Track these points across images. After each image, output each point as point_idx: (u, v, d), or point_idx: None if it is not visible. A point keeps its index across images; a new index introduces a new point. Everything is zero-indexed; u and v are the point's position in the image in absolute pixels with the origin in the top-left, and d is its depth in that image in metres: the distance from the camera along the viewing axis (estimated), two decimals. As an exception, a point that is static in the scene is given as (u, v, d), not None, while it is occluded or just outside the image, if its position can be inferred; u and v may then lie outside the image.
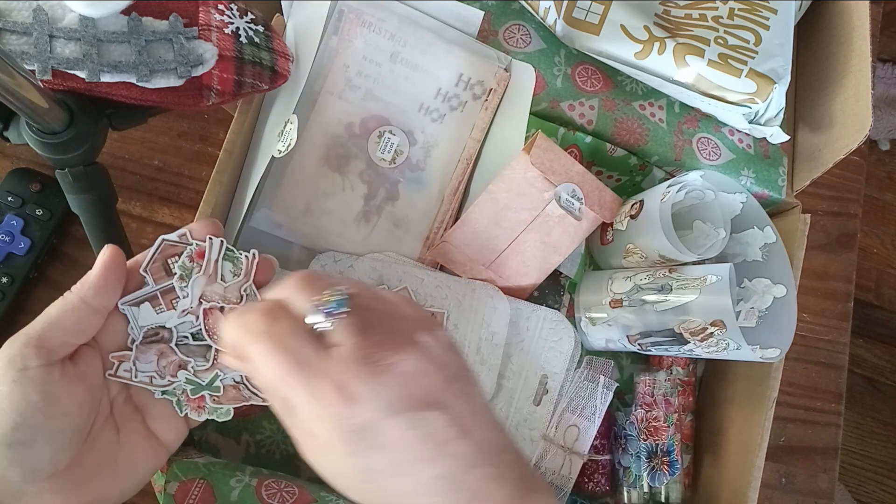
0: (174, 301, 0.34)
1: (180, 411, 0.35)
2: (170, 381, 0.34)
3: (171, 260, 0.34)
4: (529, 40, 0.56)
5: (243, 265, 0.35)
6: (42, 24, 0.41)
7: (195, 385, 0.34)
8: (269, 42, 0.48)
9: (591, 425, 0.55)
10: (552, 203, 0.53)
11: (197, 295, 0.34)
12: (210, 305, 0.34)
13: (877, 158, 1.58)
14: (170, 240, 0.34)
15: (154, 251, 0.34)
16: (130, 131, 0.59)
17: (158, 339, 0.34)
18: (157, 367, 0.34)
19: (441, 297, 0.54)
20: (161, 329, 0.34)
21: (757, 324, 0.54)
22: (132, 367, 0.33)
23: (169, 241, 0.34)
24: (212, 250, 0.34)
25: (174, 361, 0.34)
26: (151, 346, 0.34)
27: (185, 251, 0.34)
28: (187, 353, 0.34)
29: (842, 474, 0.72)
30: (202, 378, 0.34)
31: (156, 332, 0.34)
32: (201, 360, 0.35)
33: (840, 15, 0.59)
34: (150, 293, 0.34)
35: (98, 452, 0.32)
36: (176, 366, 0.34)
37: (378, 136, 0.55)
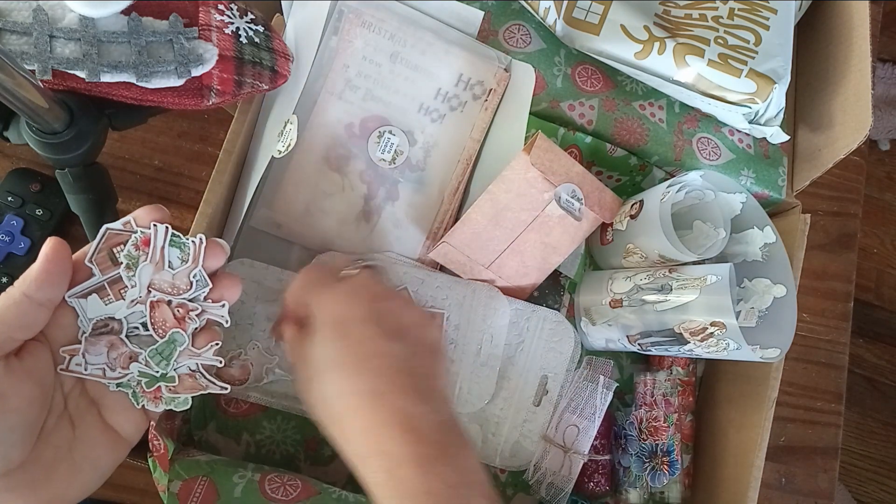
0: (122, 291, 0.33)
1: (136, 403, 0.34)
2: (122, 373, 0.33)
3: (116, 249, 0.33)
4: (529, 40, 0.56)
5: (191, 251, 0.34)
6: (42, 24, 0.41)
7: (149, 377, 0.34)
8: (269, 42, 0.48)
9: (591, 425, 0.55)
10: (552, 203, 0.53)
11: (145, 284, 0.34)
12: (159, 297, 0.34)
13: (877, 158, 1.58)
14: (114, 228, 0.33)
15: (98, 241, 0.33)
16: (130, 131, 0.59)
17: (108, 331, 0.33)
18: (108, 360, 0.33)
19: (441, 297, 0.54)
20: (111, 320, 0.33)
21: (757, 324, 0.54)
22: (82, 360, 0.33)
23: (113, 230, 0.33)
24: (157, 237, 0.34)
25: (125, 353, 0.33)
26: (101, 338, 0.33)
27: (131, 239, 0.33)
28: (139, 344, 0.34)
29: (842, 474, 0.72)
30: (155, 369, 0.34)
31: (105, 324, 0.33)
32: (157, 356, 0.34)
33: (840, 15, 0.59)
34: (97, 284, 0.33)
35: (54, 448, 0.31)
36: (127, 357, 0.33)
37: (378, 136, 0.54)
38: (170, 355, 0.34)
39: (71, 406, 0.33)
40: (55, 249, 0.31)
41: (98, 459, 0.33)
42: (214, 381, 0.35)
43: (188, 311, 0.35)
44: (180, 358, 0.34)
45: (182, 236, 0.34)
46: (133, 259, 0.33)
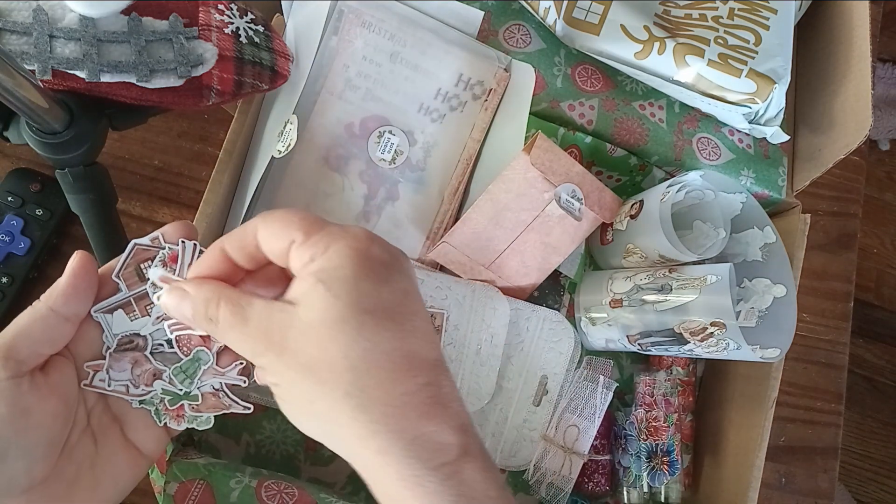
0: (148, 307, 0.33)
1: (159, 421, 0.34)
2: (145, 390, 0.33)
3: (143, 265, 0.33)
4: (529, 40, 0.56)
5: None
6: (42, 24, 0.41)
7: (172, 395, 0.33)
8: (269, 42, 0.48)
9: (591, 425, 0.55)
10: (552, 203, 0.53)
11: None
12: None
13: (877, 158, 1.58)
14: (142, 244, 0.33)
15: (126, 256, 0.32)
16: (130, 131, 0.59)
17: (133, 347, 0.33)
18: (132, 376, 0.32)
19: (441, 297, 0.54)
20: (136, 336, 0.33)
21: (757, 324, 0.54)
22: (106, 377, 0.32)
23: (141, 246, 0.33)
24: (185, 254, 0.33)
25: (149, 370, 0.33)
26: (125, 355, 0.32)
27: (158, 255, 0.33)
28: (163, 362, 0.33)
29: (842, 474, 0.72)
30: (179, 387, 0.33)
31: (130, 340, 0.33)
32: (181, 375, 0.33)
33: (840, 15, 0.59)
34: (123, 299, 0.32)
35: (76, 464, 0.31)
36: (151, 374, 0.33)
37: (378, 136, 0.54)
38: (194, 373, 0.33)
39: (93, 422, 0.32)
40: (82, 263, 0.31)
41: (119, 475, 0.33)
42: (238, 401, 0.34)
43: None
44: (204, 376, 0.34)
45: None
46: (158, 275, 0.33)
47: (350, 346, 0.26)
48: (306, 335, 0.27)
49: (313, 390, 0.27)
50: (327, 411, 0.27)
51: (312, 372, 0.26)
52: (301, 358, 0.27)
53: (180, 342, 0.33)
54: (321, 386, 0.26)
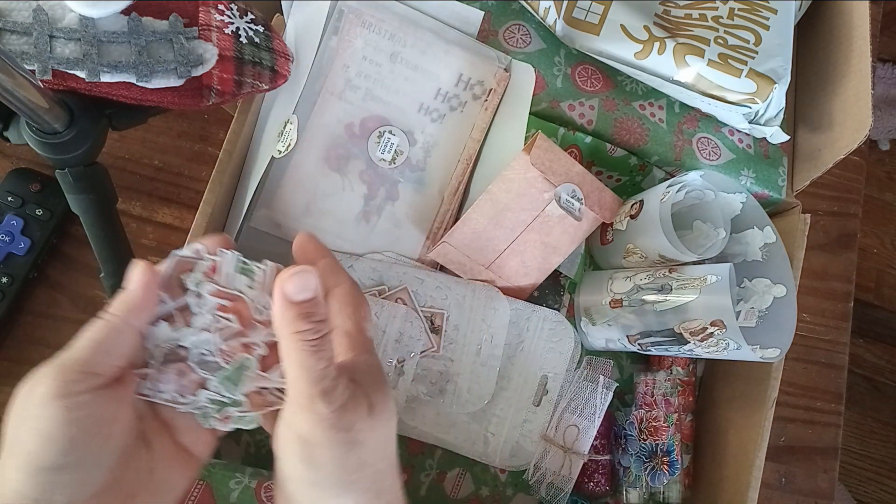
0: (189, 318, 0.33)
1: (206, 423, 0.34)
2: (192, 399, 0.33)
3: (184, 276, 0.33)
4: (529, 40, 0.56)
5: (258, 278, 0.34)
6: (42, 24, 0.41)
7: (220, 404, 0.33)
8: (269, 42, 0.48)
9: (591, 425, 0.55)
10: (552, 203, 0.53)
11: (210, 305, 0.33)
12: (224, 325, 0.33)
13: (877, 158, 1.58)
14: (182, 255, 0.33)
15: (168, 268, 0.32)
16: (130, 131, 0.59)
17: (177, 358, 0.33)
18: (178, 386, 0.32)
19: (441, 297, 0.54)
20: (179, 347, 0.33)
21: (757, 324, 0.54)
22: (154, 387, 0.32)
23: (182, 257, 0.33)
24: (225, 264, 0.33)
25: (194, 380, 0.33)
26: (171, 365, 0.32)
27: (199, 266, 0.33)
28: (207, 370, 0.33)
29: (842, 474, 0.72)
30: (225, 395, 0.33)
31: (174, 350, 0.33)
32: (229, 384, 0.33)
33: (840, 15, 0.59)
34: (167, 311, 0.33)
35: (134, 471, 0.31)
36: (196, 384, 0.33)
37: (378, 136, 0.55)
38: (239, 380, 0.33)
39: (145, 428, 0.32)
40: (147, 274, 0.31)
41: (175, 481, 0.33)
42: (281, 397, 0.34)
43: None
44: (249, 382, 0.34)
45: (249, 262, 0.34)
46: (201, 286, 0.33)
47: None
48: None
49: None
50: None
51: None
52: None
53: (223, 351, 0.33)
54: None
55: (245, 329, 0.33)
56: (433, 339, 0.54)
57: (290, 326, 0.29)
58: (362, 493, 0.29)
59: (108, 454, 0.29)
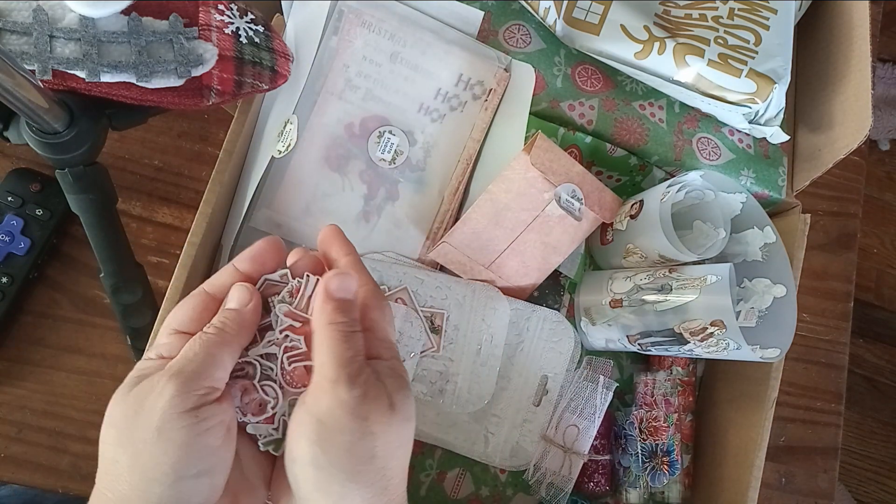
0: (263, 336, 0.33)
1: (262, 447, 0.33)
2: (251, 420, 0.32)
3: (271, 299, 0.33)
4: (529, 40, 0.56)
5: None
6: (42, 24, 0.41)
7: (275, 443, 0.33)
8: (269, 42, 0.48)
9: (591, 425, 0.55)
10: (552, 203, 0.53)
11: (284, 324, 0.33)
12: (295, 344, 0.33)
13: (877, 158, 1.58)
14: (272, 279, 0.34)
15: (257, 289, 0.33)
16: (130, 131, 0.59)
17: (243, 375, 0.33)
18: (241, 404, 0.32)
19: (441, 297, 0.54)
20: (246, 364, 0.33)
21: (757, 324, 0.54)
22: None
23: (271, 281, 0.34)
24: (307, 287, 0.33)
25: (256, 399, 0.33)
26: (236, 382, 0.32)
27: (286, 288, 0.33)
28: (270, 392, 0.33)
29: (842, 474, 0.72)
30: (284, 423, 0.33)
31: (241, 367, 0.33)
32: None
33: (840, 15, 0.59)
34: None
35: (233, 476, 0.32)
36: (258, 404, 0.33)
37: (378, 136, 0.55)
38: None
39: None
40: (256, 295, 0.33)
41: (263, 473, 0.34)
42: None
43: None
44: None
45: None
46: (279, 308, 0.33)
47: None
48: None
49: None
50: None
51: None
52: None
53: (286, 371, 0.33)
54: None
55: (311, 352, 0.33)
56: (433, 339, 0.54)
57: (328, 317, 0.31)
58: (367, 486, 0.29)
59: (229, 459, 0.30)
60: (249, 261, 0.34)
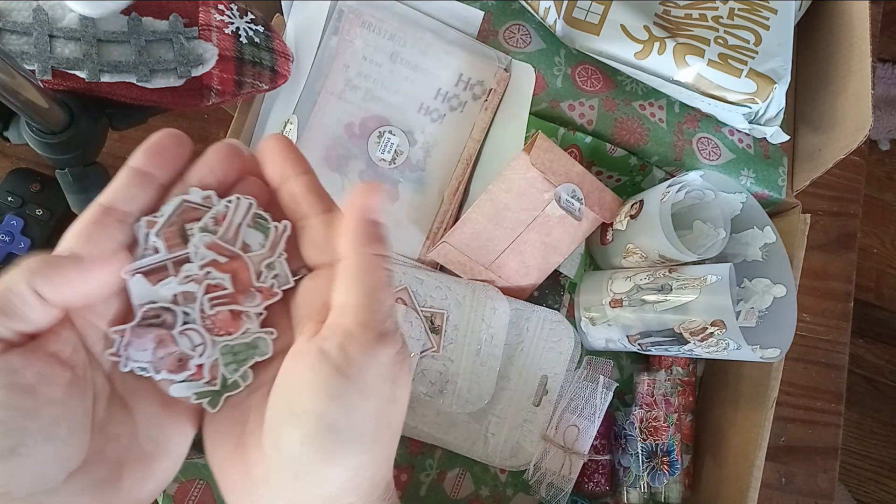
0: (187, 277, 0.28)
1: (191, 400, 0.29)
2: (168, 376, 0.27)
3: (189, 225, 0.27)
4: (529, 40, 0.56)
5: (272, 237, 0.28)
6: (42, 24, 0.41)
7: (210, 395, 0.28)
8: (269, 42, 0.48)
9: (591, 425, 0.55)
10: (552, 203, 0.53)
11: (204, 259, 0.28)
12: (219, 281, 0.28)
13: (877, 158, 1.58)
14: (191, 201, 0.27)
15: (171, 213, 0.27)
16: (130, 131, 0.59)
17: (159, 323, 0.27)
18: (154, 358, 0.27)
19: (441, 297, 0.54)
20: (164, 311, 0.27)
21: (757, 324, 0.54)
22: (123, 354, 0.27)
23: (190, 203, 0.27)
24: (236, 212, 0.28)
25: (174, 354, 0.27)
26: (149, 331, 0.27)
27: (209, 213, 0.28)
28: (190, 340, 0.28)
29: (842, 474, 0.72)
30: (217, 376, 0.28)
31: (157, 314, 0.27)
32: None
33: (840, 15, 0.59)
34: (159, 262, 0.27)
35: (114, 439, 0.26)
36: (176, 360, 0.28)
37: (378, 136, 0.55)
38: (244, 360, 0.28)
39: (119, 386, 0.27)
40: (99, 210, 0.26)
41: (168, 441, 0.28)
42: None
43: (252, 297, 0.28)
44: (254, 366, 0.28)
45: (266, 216, 0.28)
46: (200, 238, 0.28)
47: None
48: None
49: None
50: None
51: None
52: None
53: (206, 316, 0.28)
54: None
55: (238, 295, 0.28)
56: (433, 339, 0.54)
57: (372, 246, 0.25)
58: (377, 452, 0.25)
59: (55, 425, 0.24)
60: (146, 155, 0.27)
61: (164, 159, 0.27)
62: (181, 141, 0.28)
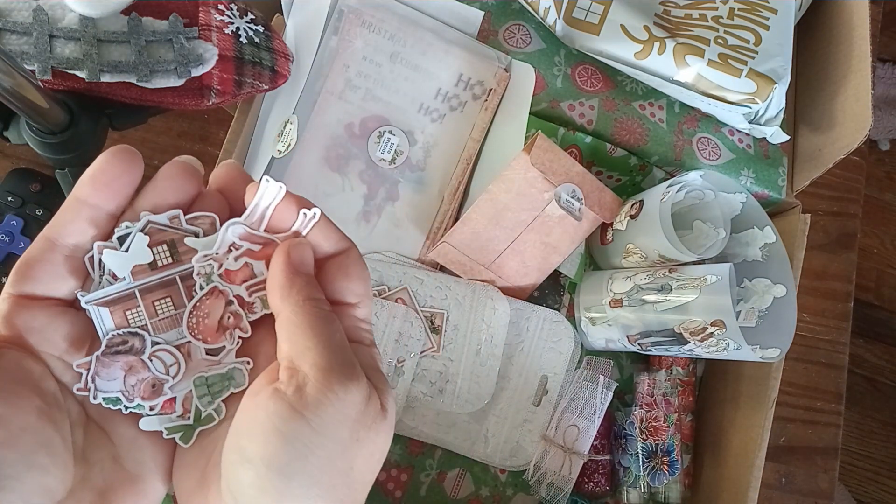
0: (157, 303, 0.26)
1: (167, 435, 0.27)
2: (140, 405, 0.26)
3: (157, 248, 0.26)
4: (529, 40, 0.56)
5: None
6: (42, 24, 0.41)
7: (182, 429, 0.26)
8: (269, 42, 0.48)
9: (591, 425, 0.55)
10: (552, 203, 0.53)
11: (228, 242, 0.26)
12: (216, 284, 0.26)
13: (877, 158, 1.58)
14: (157, 222, 0.25)
15: (134, 235, 0.25)
16: (130, 131, 0.59)
17: (127, 349, 0.26)
18: (124, 387, 0.26)
19: (441, 297, 0.54)
20: (131, 336, 0.26)
21: (757, 324, 0.54)
22: (91, 386, 0.25)
23: (156, 225, 0.26)
24: (264, 196, 0.26)
25: (146, 380, 0.26)
26: (117, 359, 0.26)
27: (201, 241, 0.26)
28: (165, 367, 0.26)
29: (842, 474, 0.72)
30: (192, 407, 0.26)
31: (124, 340, 0.26)
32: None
33: (840, 15, 0.59)
34: (124, 291, 0.25)
35: (97, 464, 0.25)
36: (150, 385, 0.26)
37: (378, 136, 0.55)
38: (219, 392, 0.26)
39: (94, 413, 0.26)
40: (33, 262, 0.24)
41: (153, 461, 0.27)
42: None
43: (239, 321, 0.27)
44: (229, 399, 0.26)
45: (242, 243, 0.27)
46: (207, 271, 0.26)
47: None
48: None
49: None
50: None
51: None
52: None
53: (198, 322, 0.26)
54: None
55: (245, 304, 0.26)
56: (433, 338, 0.54)
57: (305, 293, 0.25)
58: (334, 500, 0.24)
59: (31, 454, 0.23)
60: (91, 185, 0.25)
61: (111, 190, 0.25)
62: (130, 165, 0.26)
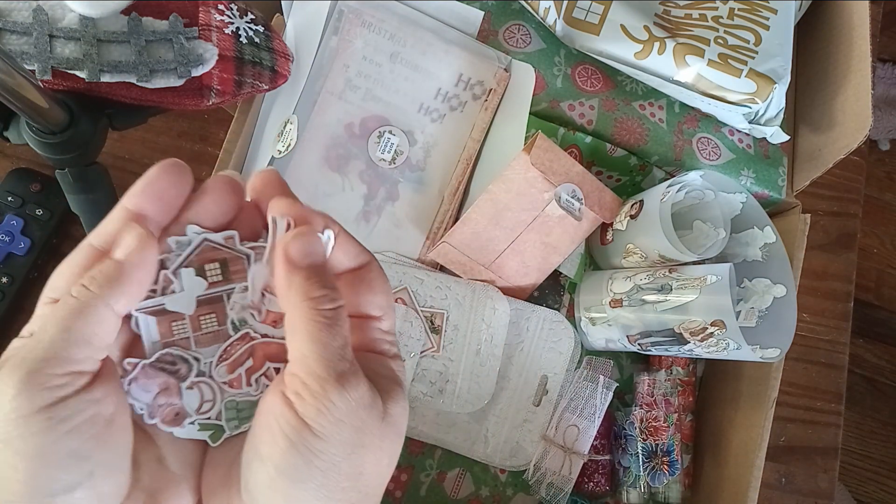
0: (202, 318, 0.26)
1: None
2: (164, 427, 0.26)
3: (208, 265, 0.26)
4: (529, 40, 0.56)
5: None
6: (42, 24, 0.41)
7: (213, 429, 0.27)
8: (269, 42, 0.48)
9: (591, 425, 0.55)
10: (552, 203, 0.53)
11: (259, 287, 0.26)
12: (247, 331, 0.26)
13: (877, 158, 1.58)
14: (213, 241, 0.26)
15: (191, 251, 0.26)
16: (130, 131, 0.59)
17: (173, 371, 0.26)
18: (152, 402, 0.26)
19: (441, 297, 0.54)
20: (181, 362, 0.26)
21: (757, 324, 0.54)
22: (127, 388, 0.25)
23: (212, 242, 0.26)
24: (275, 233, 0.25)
25: (173, 408, 0.26)
26: (159, 375, 0.26)
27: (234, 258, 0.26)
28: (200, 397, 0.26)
29: (842, 474, 0.72)
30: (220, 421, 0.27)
31: (173, 362, 0.26)
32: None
33: (840, 15, 0.59)
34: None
35: (146, 466, 0.26)
36: (174, 413, 0.26)
37: (378, 136, 0.55)
38: (247, 418, 0.27)
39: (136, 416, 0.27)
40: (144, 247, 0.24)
41: (197, 460, 0.27)
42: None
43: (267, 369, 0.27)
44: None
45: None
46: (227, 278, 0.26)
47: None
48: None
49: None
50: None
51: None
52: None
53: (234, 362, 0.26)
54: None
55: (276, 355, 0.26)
56: (433, 339, 0.54)
57: (301, 292, 0.24)
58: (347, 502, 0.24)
59: (119, 457, 0.24)
60: (142, 196, 0.25)
61: (162, 202, 0.26)
62: (181, 178, 0.26)
